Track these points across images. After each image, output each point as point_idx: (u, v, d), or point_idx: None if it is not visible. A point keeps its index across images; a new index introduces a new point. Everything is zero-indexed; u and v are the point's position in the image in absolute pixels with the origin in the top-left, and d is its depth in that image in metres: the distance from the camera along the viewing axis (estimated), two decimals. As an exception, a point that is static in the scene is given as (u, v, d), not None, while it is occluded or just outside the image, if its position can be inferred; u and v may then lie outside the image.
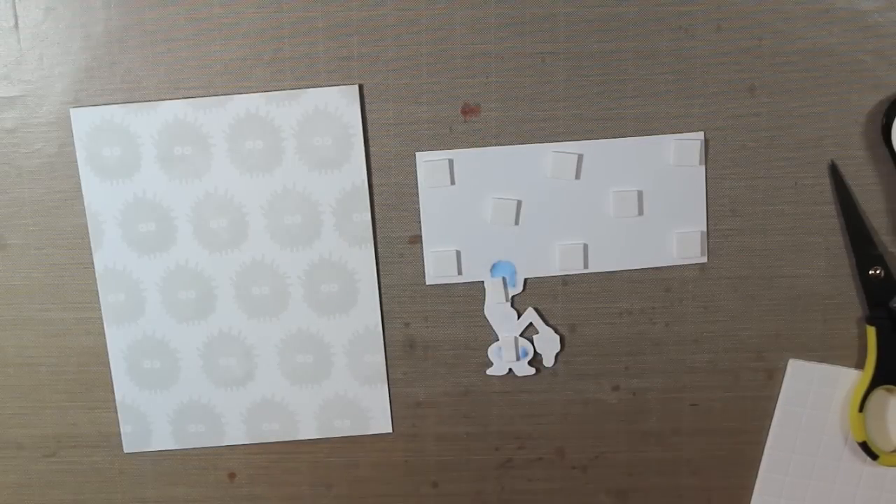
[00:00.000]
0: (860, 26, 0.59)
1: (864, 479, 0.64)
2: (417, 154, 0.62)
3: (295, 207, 0.62)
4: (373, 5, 0.60)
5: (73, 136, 0.62)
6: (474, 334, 0.64)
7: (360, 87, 0.61)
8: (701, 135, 0.61)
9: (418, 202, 0.62)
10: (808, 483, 0.64)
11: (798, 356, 0.63)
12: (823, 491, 0.64)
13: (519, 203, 0.62)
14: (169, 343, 0.64)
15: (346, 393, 0.65)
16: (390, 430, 0.65)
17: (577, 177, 0.62)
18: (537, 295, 0.63)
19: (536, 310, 0.63)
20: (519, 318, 0.63)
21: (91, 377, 0.65)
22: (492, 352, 0.64)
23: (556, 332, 0.64)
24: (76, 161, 0.62)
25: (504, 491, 0.66)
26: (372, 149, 0.62)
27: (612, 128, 0.61)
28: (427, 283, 0.63)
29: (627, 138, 0.61)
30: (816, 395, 0.63)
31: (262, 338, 0.64)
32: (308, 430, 0.65)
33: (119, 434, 0.66)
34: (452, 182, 0.62)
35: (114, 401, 0.65)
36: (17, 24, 0.61)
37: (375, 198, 0.62)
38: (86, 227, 0.63)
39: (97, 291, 0.64)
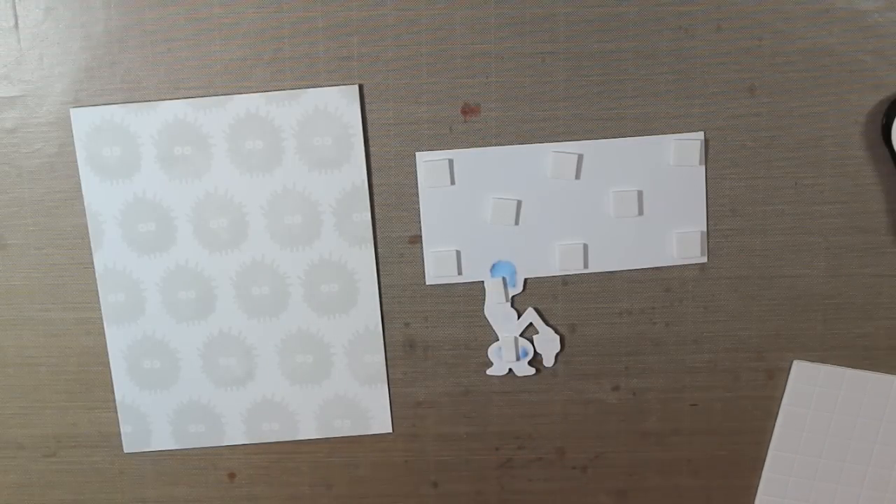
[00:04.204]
0: (860, 26, 0.59)
1: (868, 479, 0.64)
2: (417, 154, 0.62)
3: (295, 207, 0.62)
4: (373, 5, 0.60)
5: (73, 136, 0.62)
6: (474, 334, 0.64)
7: (360, 87, 0.61)
8: (701, 135, 0.61)
9: (418, 202, 0.62)
10: (812, 484, 0.64)
11: (798, 356, 0.63)
12: (827, 492, 0.64)
13: (519, 203, 0.62)
14: (169, 343, 0.64)
15: (346, 393, 0.65)
16: (390, 430, 0.65)
17: (577, 177, 0.62)
18: (537, 295, 0.63)
19: (536, 310, 0.63)
20: (519, 318, 0.63)
21: (91, 377, 0.65)
22: (492, 352, 0.64)
23: (556, 332, 0.64)
24: (76, 161, 0.62)
25: (504, 491, 0.66)
26: (372, 149, 0.62)
27: (612, 128, 0.61)
28: (427, 283, 0.63)
29: (627, 138, 0.61)
30: (820, 396, 0.63)
31: (262, 338, 0.64)
32: (308, 430, 0.65)
33: (119, 434, 0.66)
34: (452, 182, 0.62)
35: (114, 401, 0.65)
36: (17, 24, 0.61)
37: (375, 198, 0.62)
38: (86, 227, 0.63)
39: (97, 291, 0.64)
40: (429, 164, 0.62)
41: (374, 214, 0.62)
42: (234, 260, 0.63)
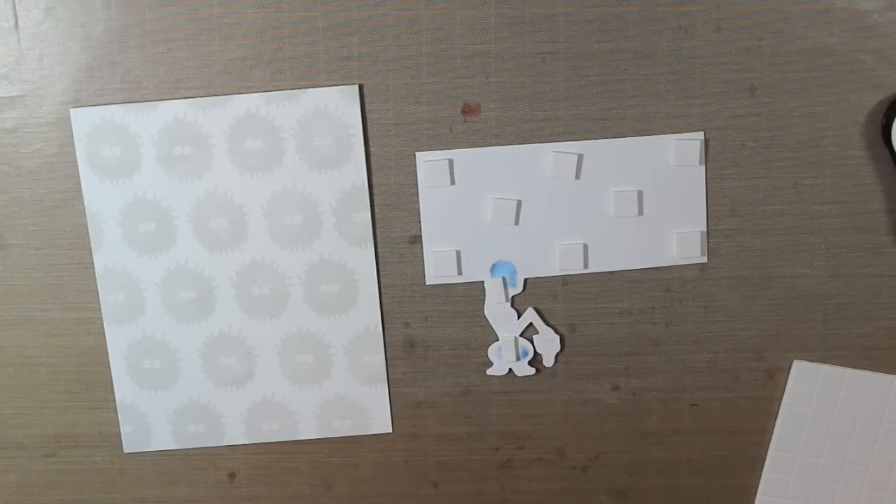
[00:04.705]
0: (860, 26, 0.59)
1: (868, 479, 0.64)
2: (417, 154, 0.62)
3: (295, 207, 0.62)
4: (373, 5, 0.60)
5: (73, 136, 0.62)
6: (474, 334, 0.64)
7: (360, 87, 0.61)
8: (701, 135, 0.61)
9: (418, 202, 0.62)
10: (812, 484, 0.64)
11: (798, 356, 0.63)
12: (827, 492, 0.64)
13: (519, 203, 0.62)
14: (169, 343, 0.64)
15: (346, 393, 0.65)
16: (390, 430, 0.65)
17: (577, 177, 0.62)
18: (537, 295, 0.63)
19: (536, 310, 0.63)
20: (519, 318, 0.63)
21: (91, 377, 0.65)
22: (492, 352, 0.64)
23: (556, 332, 0.64)
24: (76, 161, 0.62)
25: (504, 491, 0.66)
26: (372, 149, 0.62)
27: (612, 128, 0.61)
28: (427, 283, 0.63)
29: (627, 138, 0.61)
30: (820, 396, 0.63)
31: (262, 338, 0.64)
32: (308, 430, 0.65)
33: (119, 434, 0.66)
34: (452, 182, 0.62)
35: (114, 401, 0.65)
36: (17, 24, 0.61)
37: (375, 198, 0.62)
38: (86, 227, 0.63)
39: (97, 291, 0.64)
40: (429, 164, 0.62)
41: (374, 214, 0.62)
42: (234, 260, 0.63)
